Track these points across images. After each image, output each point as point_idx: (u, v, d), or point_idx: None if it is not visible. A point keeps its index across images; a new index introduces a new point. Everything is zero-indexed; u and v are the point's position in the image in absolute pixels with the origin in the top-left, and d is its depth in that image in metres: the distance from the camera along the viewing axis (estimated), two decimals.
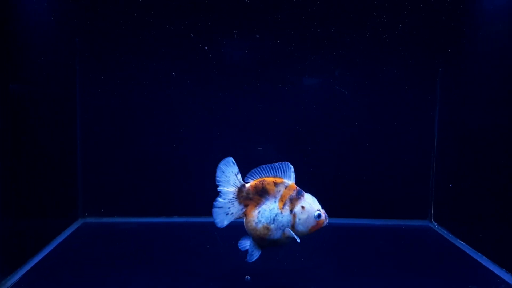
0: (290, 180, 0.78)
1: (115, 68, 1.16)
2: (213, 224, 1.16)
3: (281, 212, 0.76)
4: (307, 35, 1.15)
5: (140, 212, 1.20)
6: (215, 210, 0.78)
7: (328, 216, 0.78)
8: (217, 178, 0.79)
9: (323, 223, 0.77)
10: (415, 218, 1.22)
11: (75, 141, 1.18)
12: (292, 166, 0.78)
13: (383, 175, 1.21)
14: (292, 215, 0.76)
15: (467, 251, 1.02)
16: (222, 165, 0.79)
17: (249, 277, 0.85)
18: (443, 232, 1.14)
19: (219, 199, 0.78)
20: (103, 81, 1.17)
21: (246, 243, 0.79)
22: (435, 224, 1.20)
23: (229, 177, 0.78)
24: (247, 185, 0.79)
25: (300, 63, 1.17)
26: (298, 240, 0.76)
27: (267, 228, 0.76)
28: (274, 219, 0.76)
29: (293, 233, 0.76)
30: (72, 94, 1.16)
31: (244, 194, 0.78)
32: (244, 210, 0.78)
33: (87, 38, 1.15)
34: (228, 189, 0.78)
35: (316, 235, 0.78)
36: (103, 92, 1.17)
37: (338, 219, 1.18)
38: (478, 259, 0.98)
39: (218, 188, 0.78)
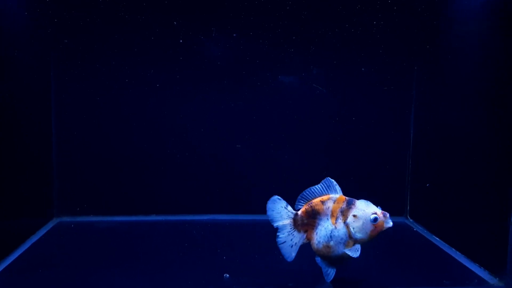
0: (337, 194, 0.79)
1: (90, 65, 1.14)
2: (191, 222, 1.17)
3: (336, 227, 0.77)
4: (284, 34, 1.15)
5: (117, 211, 1.19)
6: (280, 246, 0.80)
7: None
8: (270, 217, 0.81)
9: (383, 224, 0.77)
10: (391, 215, 1.23)
11: (50, 140, 1.16)
12: (333, 180, 0.79)
13: (359, 172, 1.22)
14: (346, 227, 0.77)
15: (442, 247, 1.04)
16: (270, 204, 0.81)
17: (227, 275, 0.85)
18: (419, 228, 1.16)
19: (279, 235, 0.80)
20: (78, 79, 1.15)
21: (319, 263, 0.80)
22: (411, 220, 1.22)
23: (280, 212, 0.80)
24: (299, 212, 0.80)
25: (276, 62, 1.17)
26: (354, 255, 0.76)
27: (328, 247, 0.78)
28: (331, 236, 0.77)
29: (348, 252, 0.76)
30: (47, 91, 1.14)
31: (299, 222, 0.80)
32: (305, 236, 0.80)
33: (62, 33, 1.13)
34: (284, 223, 0.80)
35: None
36: (79, 90, 1.15)
37: None
38: (453, 255, 0.99)
39: (275, 225, 0.80)
